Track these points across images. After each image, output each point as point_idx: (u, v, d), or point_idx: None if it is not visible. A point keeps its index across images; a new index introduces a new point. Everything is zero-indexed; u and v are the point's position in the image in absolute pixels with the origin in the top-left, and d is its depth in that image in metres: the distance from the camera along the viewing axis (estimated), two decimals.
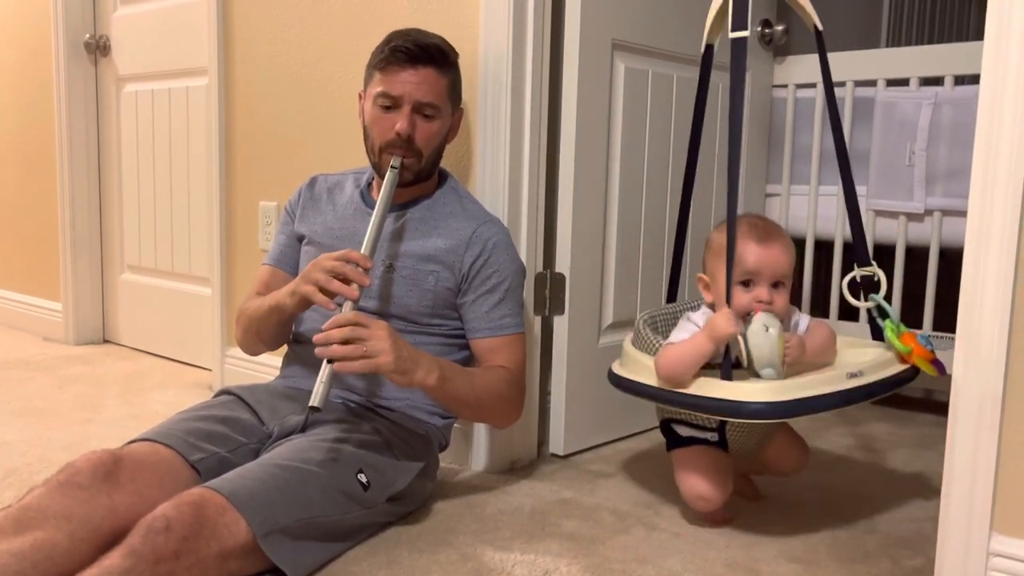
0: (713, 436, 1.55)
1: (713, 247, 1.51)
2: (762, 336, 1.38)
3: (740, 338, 1.39)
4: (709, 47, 1.66)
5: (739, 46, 1.43)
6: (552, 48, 1.83)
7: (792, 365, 1.42)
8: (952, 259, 1.33)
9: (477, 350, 1.61)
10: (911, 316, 2.25)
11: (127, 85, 2.88)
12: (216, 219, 2.40)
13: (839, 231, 2.36)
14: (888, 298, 2.26)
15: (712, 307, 1.52)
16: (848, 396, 1.39)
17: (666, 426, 1.60)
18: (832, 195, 2.39)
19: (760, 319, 1.39)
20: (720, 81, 2.18)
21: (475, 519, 1.55)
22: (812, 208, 2.41)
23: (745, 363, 1.40)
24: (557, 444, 1.91)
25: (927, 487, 1.75)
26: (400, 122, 1.54)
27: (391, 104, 1.55)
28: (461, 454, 1.83)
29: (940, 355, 2.18)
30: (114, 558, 1.08)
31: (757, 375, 1.39)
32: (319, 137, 2.15)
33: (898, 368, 1.47)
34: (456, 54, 1.63)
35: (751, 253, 1.44)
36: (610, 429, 2.02)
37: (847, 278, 1.55)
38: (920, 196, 2.21)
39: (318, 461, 1.35)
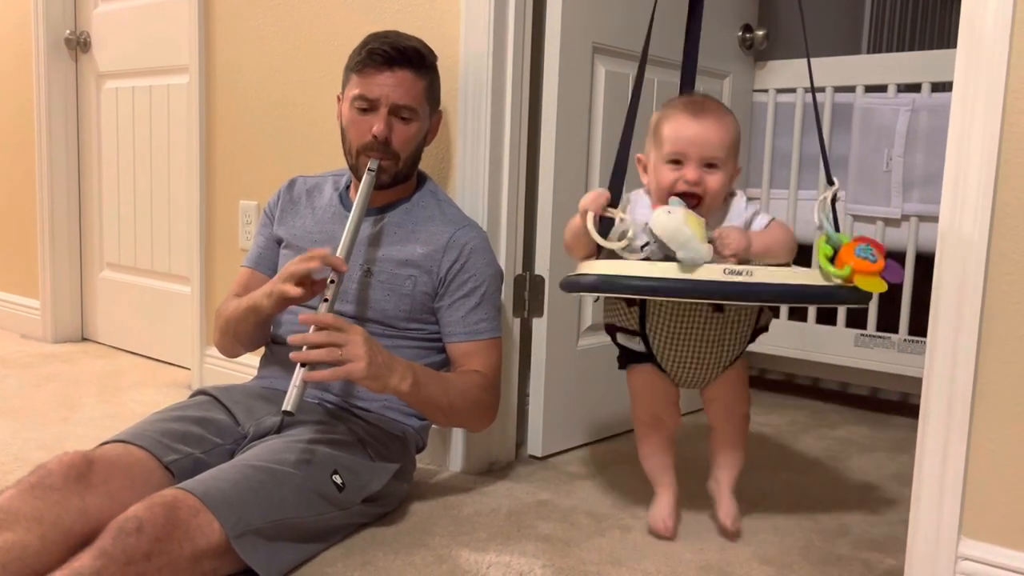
0: (639, 342, 1.45)
1: (650, 125, 1.39)
2: (663, 219, 1.25)
3: (625, 217, 1.31)
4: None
5: None
6: (533, 51, 1.84)
7: (736, 257, 1.28)
8: (929, 264, 1.32)
9: (453, 354, 1.61)
10: (888, 320, 2.28)
11: (108, 82, 2.86)
12: (196, 217, 2.39)
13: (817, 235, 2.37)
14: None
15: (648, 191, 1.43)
16: (705, 288, 1.22)
17: (611, 336, 1.52)
18: (812, 199, 2.40)
19: (662, 208, 1.28)
20: (701, 86, 2.19)
21: (451, 520, 1.55)
22: (792, 212, 2.43)
23: (631, 242, 1.30)
24: (535, 446, 1.92)
25: (901, 490, 1.77)
26: (377, 124, 1.54)
27: (368, 106, 1.55)
28: (438, 455, 1.83)
29: (910, 359, 2.19)
30: (84, 559, 1.07)
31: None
32: (299, 137, 2.15)
33: (815, 280, 1.27)
34: (434, 56, 1.63)
35: (680, 128, 1.32)
36: (588, 431, 2.03)
37: (819, 199, 1.37)
38: (897, 201, 2.23)
39: (293, 462, 1.35)
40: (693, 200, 1.33)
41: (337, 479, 1.39)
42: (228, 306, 1.64)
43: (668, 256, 1.28)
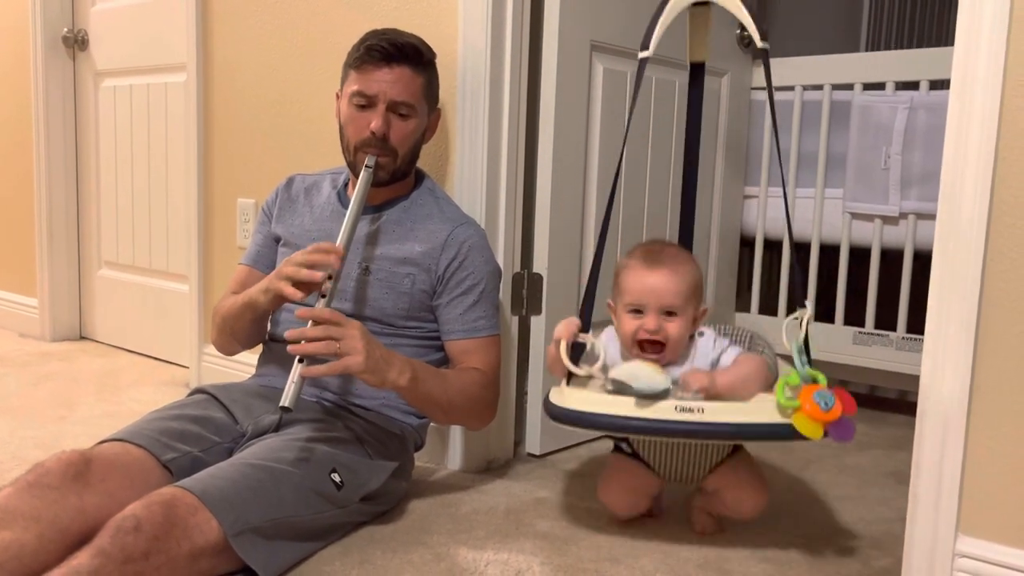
0: (625, 445, 1.51)
1: (614, 274, 1.46)
2: (624, 368, 1.34)
3: (595, 341, 1.39)
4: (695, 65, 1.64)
5: (641, 66, 1.45)
6: (531, 49, 1.83)
7: (702, 394, 1.33)
8: (927, 262, 1.31)
9: (451, 352, 1.61)
10: (886, 318, 2.28)
11: (105, 80, 2.86)
12: (194, 216, 2.39)
13: (816, 233, 2.38)
14: (863, 301, 2.31)
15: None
16: (658, 426, 1.30)
17: None
18: (809, 198, 2.41)
19: (629, 368, 1.34)
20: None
21: (449, 519, 1.55)
22: (791, 211, 2.43)
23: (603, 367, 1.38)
24: (533, 444, 1.92)
25: (898, 488, 1.77)
26: (375, 121, 1.54)
27: (366, 103, 1.55)
28: (437, 453, 1.83)
29: (908, 357, 2.19)
30: (82, 558, 1.07)
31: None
32: (297, 135, 2.14)
33: (762, 418, 1.30)
34: (433, 54, 1.63)
35: (636, 280, 1.40)
36: (586, 430, 2.03)
37: (786, 322, 1.37)
38: (895, 199, 2.23)
39: (291, 460, 1.35)
40: (656, 347, 1.39)
41: (335, 477, 1.39)
42: (225, 304, 1.65)
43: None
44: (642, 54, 1.47)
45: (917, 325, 2.00)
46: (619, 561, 1.41)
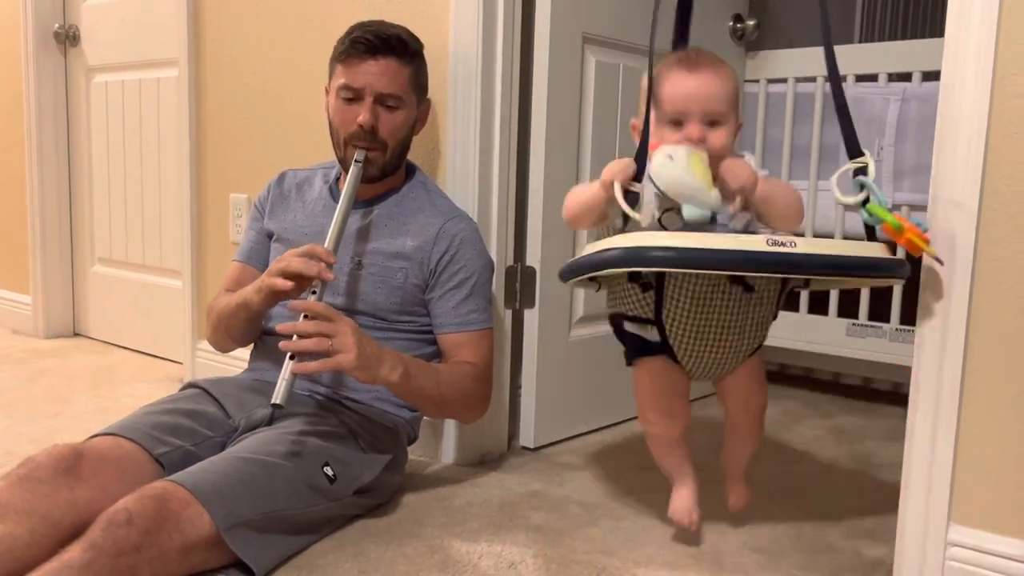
0: (652, 331, 1.35)
1: (642, 86, 1.29)
2: (667, 166, 1.16)
3: (648, 181, 1.19)
4: None
5: None
6: (522, 41, 1.83)
7: (742, 192, 1.21)
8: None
9: (444, 345, 1.61)
10: (879, 310, 2.28)
11: (97, 76, 2.85)
12: (187, 211, 2.39)
13: (810, 224, 2.38)
14: (857, 293, 2.31)
15: None
16: (750, 258, 1.11)
17: (618, 328, 1.43)
18: (803, 190, 2.41)
19: (661, 151, 1.18)
20: None
21: (443, 511, 1.55)
22: None
23: (657, 210, 1.20)
24: (527, 437, 1.92)
25: (892, 479, 1.77)
26: (363, 114, 1.54)
27: (353, 96, 1.55)
28: (431, 447, 1.83)
29: (901, 348, 2.20)
30: (74, 551, 1.07)
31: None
32: (290, 130, 2.14)
33: (861, 252, 1.18)
34: (420, 44, 1.62)
35: (677, 85, 1.24)
36: (580, 422, 2.03)
37: (837, 173, 1.26)
38: (888, 191, 2.23)
39: (283, 454, 1.35)
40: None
41: (328, 471, 1.39)
42: (219, 302, 1.64)
43: (669, 209, 1.19)
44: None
45: (910, 316, 2.01)
46: (613, 553, 1.41)
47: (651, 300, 1.33)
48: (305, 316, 1.37)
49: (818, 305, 2.39)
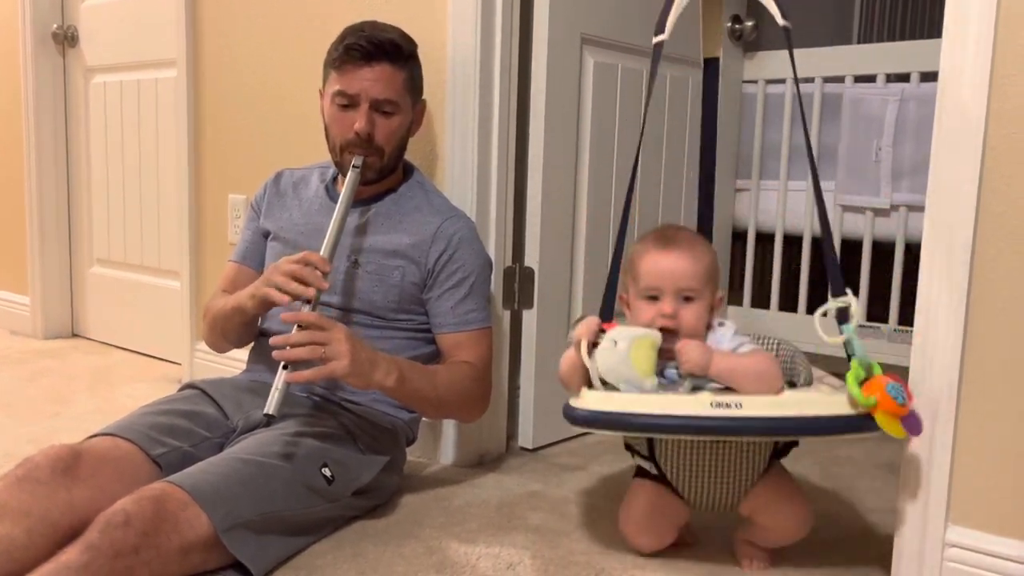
0: (650, 466, 1.38)
1: (625, 263, 1.37)
2: (608, 352, 1.23)
3: (589, 356, 1.26)
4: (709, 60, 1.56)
5: (656, 51, 1.36)
6: (521, 42, 1.83)
7: (693, 373, 1.25)
8: (918, 254, 1.31)
9: (443, 345, 1.61)
10: (878, 310, 2.28)
11: (96, 76, 2.85)
12: (185, 212, 2.39)
13: (808, 226, 2.38)
14: (855, 293, 2.30)
15: None
16: (691, 424, 1.19)
17: (629, 451, 1.45)
18: (801, 191, 2.41)
19: (610, 334, 1.25)
20: (689, 77, 2.19)
21: (442, 512, 1.55)
22: (781, 203, 2.43)
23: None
24: (526, 437, 1.92)
25: (889, 478, 1.77)
26: (359, 121, 1.53)
27: (348, 102, 1.55)
28: (429, 448, 1.83)
29: (900, 348, 2.19)
30: (72, 553, 1.07)
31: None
32: (288, 130, 2.14)
33: (815, 411, 1.21)
34: (414, 45, 1.62)
35: (650, 262, 1.31)
36: None
37: (819, 311, 1.24)
38: (886, 191, 2.24)
39: (281, 455, 1.35)
40: (672, 336, 1.28)
41: (326, 472, 1.39)
42: (216, 304, 1.64)
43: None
44: (657, 38, 1.37)
45: (909, 317, 2.01)
46: (611, 554, 1.41)
47: (644, 439, 1.37)
48: (299, 325, 1.37)
49: (816, 304, 2.39)
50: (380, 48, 1.54)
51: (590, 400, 1.25)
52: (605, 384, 1.25)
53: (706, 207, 1.56)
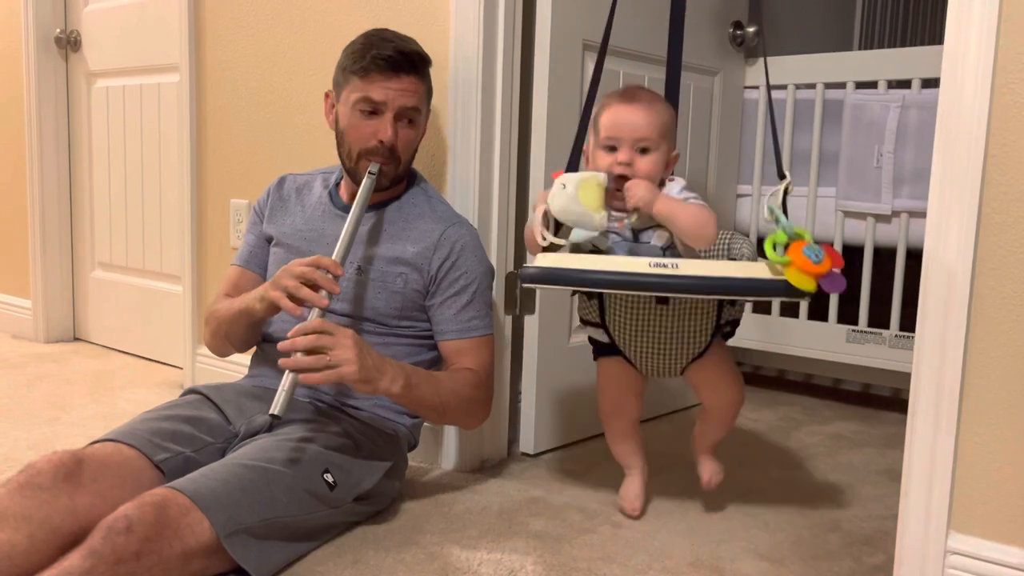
0: (602, 335, 1.52)
1: (592, 120, 1.44)
2: (558, 194, 1.31)
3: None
4: None
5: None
6: (523, 48, 1.83)
7: (638, 210, 1.34)
8: (919, 260, 1.32)
9: (445, 352, 1.61)
10: (879, 316, 2.28)
11: (98, 81, 2.86)
12: (187, 216, 2.39)
13: (811, 230, 2.38)
14: (856, 299, 2.31)
15: None
16: (629, 280, 1.27)
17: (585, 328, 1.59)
18: (802, 196, 2.41)
19: (559, 180, 1.33)
20: (691, 83, 2.19)
21: (443, 518, 1.55)
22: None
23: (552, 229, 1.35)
24: (527, 443, 1.92)
25: (891, 485, 1.77)
26: (384, 130, 1.53)
27: (372, 110, 1.55)
28: (431, 453, 1.83)
29: (901, 355, 2.20)
30: (74, 559, 1.07)
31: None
32: (290, 135, 2.14)
33: (744, 273, 1.28)
34: (429, 58, 1.63)
35: (612, 114, 1.39)
36: (580, 428, 2.03)
37: (769, 194, 1.36)
38: (887, 198, 2.24)
39: (283, 461, 1.35)
40: (625, 182, 1.37)
41: (328, 478, 1.39)
42: (219, 307, 1.64)
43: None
44: None
45: (910, 323, 2.01)
46: (612, 560, 1.41)
47: (595, 306, 1.50)
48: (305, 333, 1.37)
49: (818, 311, 2.39)
50: (408, 59, 1.54)
51: (542, 260, 1.33)
52: (559, 229, 1.35)
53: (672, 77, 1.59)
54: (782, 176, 1.39)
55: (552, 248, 1.35)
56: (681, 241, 1.38)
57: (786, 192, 1.35)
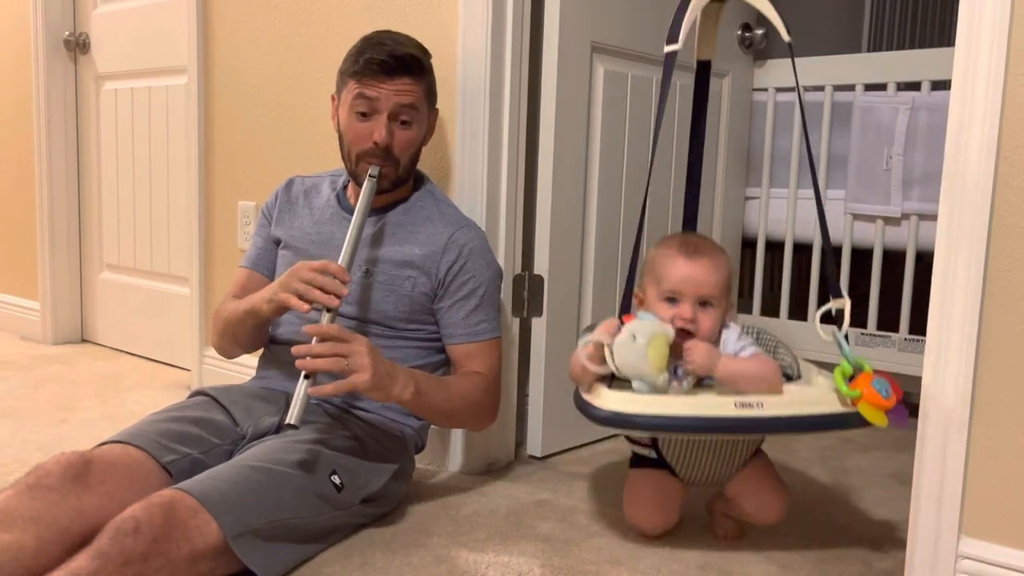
0: (650, 452, 1.48)
1: (647, 263, 1.45)
2: (627, 346, 1.28)
3: (607, 348, 1.30)
4: (701, 63, 1.61)
5: (669, 60, 1.40)
6: (531, 51, 1.83)
7: (696, 374, 1.33)
8: (929, 263, 1.31)
9: (453, 355, 1.61)
10: (888, 319, 2.27)
11: (107, 83, 2.86)
12: (195, 218, 2.39)
13: (818, 234, 2.37)
14: (865, 302, 2.30)
15: None
16: (717, 424, 1.28)
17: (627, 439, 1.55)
18: (811, 199, 2.40)
19: (629, 327, 1.29)
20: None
21: (450, 520, 1.55)
22: (791, 211, 2.43)
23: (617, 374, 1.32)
24: (535, 445, 1.92)
25: (901, 489, 1.76)
26: (377, 132, 1.53)
27: (367, 110, 1.55)
28: (438, 455, 1.83)
29: (910, 358, 2.20)
30: (81, 560, 1.07)
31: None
32: (298, 137, 2.15)
33: (824, 409, 1.31)
34: (430, 56, 1.62)
35: (676, 268, 1.38)
36: (588, 431, 2.02)
37: (818, 312, 1.40)
38: (897, 200, 2.23)
39: (291, 462, 1.35)
40: (686, 336, 1.35)
41: (335, 479, 1.39)
42: (227, 308, 1.64)
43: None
44: (669, 48, 1.40)
45: (919, 326, 2.00)
46: (620, 563, 1.40)
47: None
48: (320, 338, 1.37)
49: (825, 314, 2.38)
50: (401, 62, 1.54)
51: (611, 401, 1.30)
52: (613, 377, 1.32)
53: (690, 211, 1.62)
54: (837, 295, 1.38)
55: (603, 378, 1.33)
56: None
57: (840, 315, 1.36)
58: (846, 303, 1.37)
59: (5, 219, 3.16)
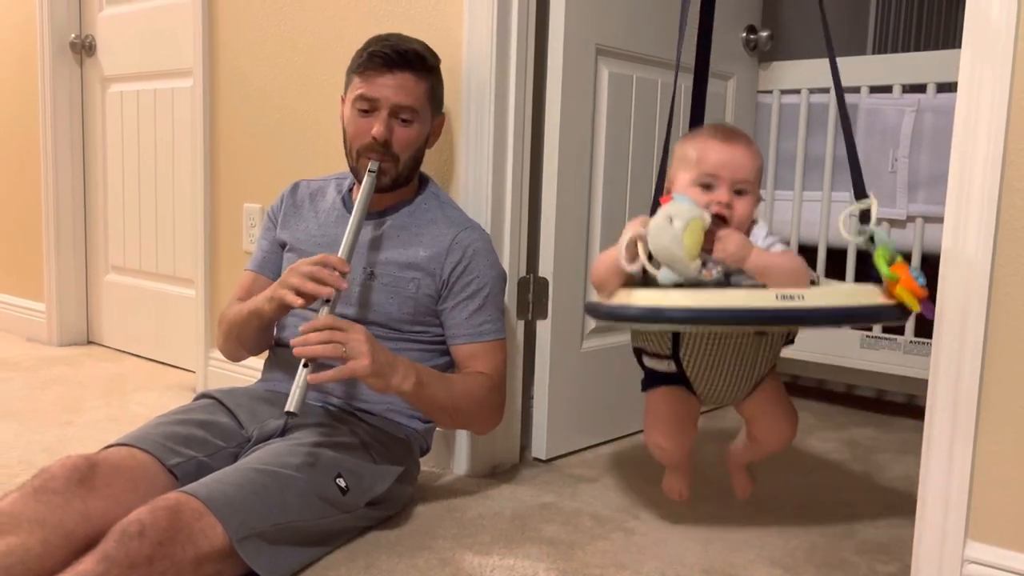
0: (670, 364, 1.44)
1: (676, 154, 1.37)
2: (663, 229, 1.20)
3: (639, 240, 1.23)
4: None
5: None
6: (536, 53, 1.83)
7: (725, 263, 1.26)
8: (934, 265, 1.31)
9: (457, 356, 1.61)
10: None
11: (112, 85, 2.87)
12: (200, 220, 2.40)
13: (823, 236, 2.37)
14: None
15: None
16: (759, 315, 1.20)
17: (638, 358, 1.52)
18: (816, 200, 2.40)
19: (665, 209, 1.21)
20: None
21: (455, 523, 1.55)
22: (796, 213, 2.42)
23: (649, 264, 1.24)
24: (539, 448, 1.91)
25: (906, 492, 1.76)
26: (376, 126, 1.54)
27: (368, 107, 1.56)
28: (443, 458, 1.83)
29: (916, 360, 2.20)
30: (87, 563, 1.07)
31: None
32: (303, 140, 2.15)
33: (862, 300, 1.25)
34: (437, 59, 1.63)
35: (714, 151, 1.31)
36: (593, 433, 2.02)
37: (844, 213, 1.31)
38: (902, 202, 2.22)
39: (296, 465, 1.35)
40: (720, 224, 1.29)
41: (341, 482, 1.39)
42: (231, 310, 1.65)
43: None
44: None
45: (925, 329, 2.00)
46: (625, 566, 1.40)
47: (668, 339, 1.42)
48: (318, 328, 1.37)
49: None
50: (403, 57, 1.55)
51: (642, 298, 1.22)
52: (649, 260, 1.23)
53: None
54: (864, 195, 1.34)
55: (637, 280, 1.25)
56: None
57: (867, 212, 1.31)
58: (873, 202, 1.30)
59: (11, 221, 3.17)
